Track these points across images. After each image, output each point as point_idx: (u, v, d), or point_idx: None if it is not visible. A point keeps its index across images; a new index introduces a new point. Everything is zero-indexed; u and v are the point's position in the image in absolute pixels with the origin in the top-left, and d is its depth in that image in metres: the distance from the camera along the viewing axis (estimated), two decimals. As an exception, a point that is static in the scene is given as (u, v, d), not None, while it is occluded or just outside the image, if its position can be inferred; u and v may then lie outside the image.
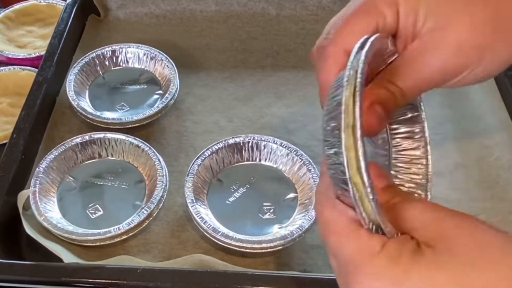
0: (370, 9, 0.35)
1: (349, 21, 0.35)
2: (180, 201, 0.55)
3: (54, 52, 0.65)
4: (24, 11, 0.78)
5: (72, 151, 0.56)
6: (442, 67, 0.35)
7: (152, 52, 0.67)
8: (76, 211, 0.53)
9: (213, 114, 0.64)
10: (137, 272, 0.46)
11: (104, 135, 0.58)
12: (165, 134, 0.61)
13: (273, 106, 0.64)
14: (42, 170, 0.54)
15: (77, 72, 0.65)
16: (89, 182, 0.56)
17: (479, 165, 0.57)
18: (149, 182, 0.55)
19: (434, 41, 0.34)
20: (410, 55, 0.35)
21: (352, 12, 0.36)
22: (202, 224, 0.50)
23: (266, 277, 0.45)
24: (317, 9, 0.73)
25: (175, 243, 0.52)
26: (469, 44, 0.34)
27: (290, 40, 0.72)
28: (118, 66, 0.68)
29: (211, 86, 0.67)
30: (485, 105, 0.63)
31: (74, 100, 0.61)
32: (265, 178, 0.56)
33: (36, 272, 0.46)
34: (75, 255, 0.49)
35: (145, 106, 0.63)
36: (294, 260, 0.50)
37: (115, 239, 0.50)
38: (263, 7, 0.74)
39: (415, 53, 0.35)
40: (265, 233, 0.51)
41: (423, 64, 0.35)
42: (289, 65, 0.69)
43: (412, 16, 0.35)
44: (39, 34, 0.76)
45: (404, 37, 0.35)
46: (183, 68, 0.66)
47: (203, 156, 0.55)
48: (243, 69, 0.69)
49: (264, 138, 0.57)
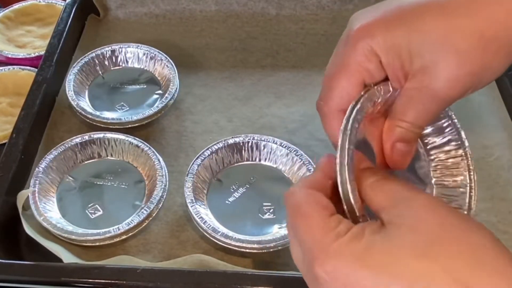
0: (351, 69, 0.35)
1: (334, 87, 0.36)
2: (180, 201, 0.55)
3: (53, 52, 0.65)
4: (24, 10, 0.78)
5: (72, 151, 0.56)
6: (442, 99, 0.35)
7: (151, 52, 0.67)
8: (75, 211, 0.53)
9: (212, 114, 0.64)
10: (136, 272, 0.46)
11: (103, 135, 0.57)
12: (164, 134, 0.61)
13: (273, 106, 0.64)
14: (41, 170, 0.54)
15: (76, 72, 0.64)
16: (89, 182, 0.56)
17: (479, 165, 0.57)
18: (148, 182, 0.55)
19: (427, 79, 0.34)
20: (408, 94, 0.35)
21: (334, 70, 0.36)
22: (201, 224, 0.50)
23: (266, 277, 0.45)
24: (317, 8, 0.73)
25: (174, 243, 0.52)
26: (462, 74, 0.34)
27: (290, 40, 0.72)
28: (117, 66, 0.68)
29: (210, 86, 0.67)
30: (485, 105, 0.63)
31: (74, 100, 0.61)
32: (265, 178, 0.56)
33: (35, 272, 0.46)
34: (74, 255, 0.49)
35: (144, 106, 0.63)
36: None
37: (114, 239, 0.50)
38: (262, 6, 0.74)
39: (412, 92, 0.35)
40: (265, 233, 0.51)
41: (423, 101, 0.35)
42: (288, 65, 0.69)
43: (397, 62, 0.35)
44: (38, 33, 0.76)
45: (397, 79, 0.36)
46: (182, 68, 0.66)
47: (202, 156, 0.55)
48: (243, 69, 0.69)
49: (264, 138, 0.57)
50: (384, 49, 0.34)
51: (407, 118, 0.36)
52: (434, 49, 0.34)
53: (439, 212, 0.29)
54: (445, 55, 0.34)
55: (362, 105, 0.35)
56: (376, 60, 0.35)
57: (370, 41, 0.34)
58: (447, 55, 0.34)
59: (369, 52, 0.35)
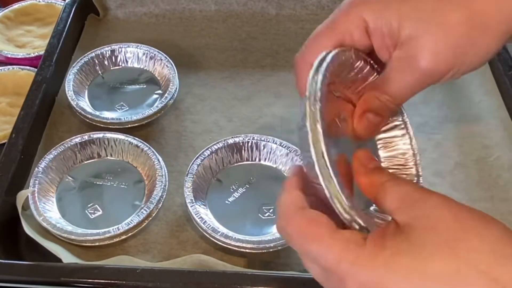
0: (336, 27, 0.37)
1: (316, 38, 0.38)
2: (180, 201, 0.55)
3: (53, 51, 0.65)
4: (23, 10, 0.78)
5: (71, 151, 0.56)
6: (425, 72, 0.35)
7: (151, 51, 0.67)
8: (75, 211, 0.53)
9: (212, 113, 0.63)
10: (136, 272, 0.45)
11: (103, 135, 0.57)
12: (164, 134, 0.61)
13: (273, 105, 0.64)
14: (41, 170, 0.54)
15: (76, 72, 0.64)
16: (88, 182, 0.56)
17: (479, 165, 0.57)
18: (148, 182, 0.55)
19: (413, 49, 0.35)
20: (394, 64, 0.36)
21: (321, 29, 0.38)
22: (201, 224, 0.50)
23: (266, 277, 0.45)
24: (317, 8, 0.73)
25: (174, 243, 0.52)
26: (447, 47, 0.35)
27: (290, 39, 0.72)
28: (117, 66, 0.68)
29: (210, 86, 0.67)
30: (485, 105, 0.63)
31: (73, 100, 0.61)
32: (265, 178, 0.55)
33: (35, 272, 0.46)
34: (74, 255, 0.49)
35: (144, 105, 0.63)
36: (293, 260, 0.50)
37: (114, 239, 0.50)
38: (262, 6, 0.74)
39: (398, 62, 0.36)
40: (265, 233, 0.51)
41: (407, 72, 0.36)
42: (288, 64, 0.69)
43: (386, 28, 0.36)
44: (38, 33, 0.76)
45: (385, 48, 0.37)
46: (182, 67, 0.66)
47: (202, 156, 0.55)
48: (243, 69, 0.69)
49: (264, 138, 0.57)
50: (374, 17, 0.36)
51: (388, 89, 0.36)
52: (423, 19, 0.35)
53: (453, 209, 0.30)
54: (431, 26, 0.35)
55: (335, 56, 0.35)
56: (362, 26, 0.36)
57: (362, 9, 0.36)
58: (434, 26, 0.35)
59: (359, 18, 0.36)
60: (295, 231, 0.32)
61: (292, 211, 0.32)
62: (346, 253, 0.29)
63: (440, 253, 0.28)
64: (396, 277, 0.28)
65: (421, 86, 0.37)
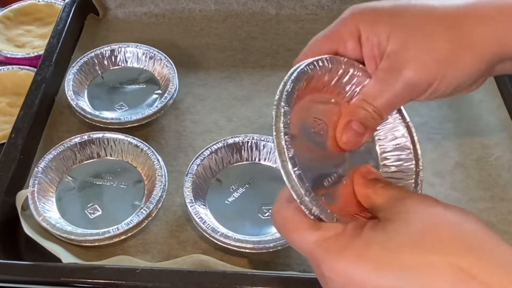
0: (332, 36, 0.39)
1: (313, 44, 0.40)
2: (179, 201, 0.55)
3: (52, 51, 0.65)
4: (23, 10, 0.78)
5: (71, 151, 0.56)
6: (408, 84, 0.36)
7: (151, 51, 0.67)
8: (75, 211, 0.53)
9: (212, 113, 0.63)
10: (136, 272, 0.45)
11: (103, 135, 0.57)
12: (164, 134, 0.61)
13: (273, 105, 0.64)
14: (40, 170, 0.54)
15: (76, 72, 0.64)
16: (88, 182, 0.55)
17: (479, 165, 0.57)
18: (148, 182, 0.55)
19: (398, 60, 0.36)
20: (380, 75, 0.37)
21: (319, 36, 0.40)
22: (201, 224, 0.50)
23: (266, 277, 0.45)
24: (317, 8, 0.73)
25: (174, 243, 0.52)
26: (431, 59, 0.36)
27: (290, 39, 0.72)
28: (117, 66, 0.68)
29: (210, 86, 0.67)
30: (485, 105, 0.63)
31: (73, 99, 0.61)
32: (265, 178, 0.55)
33: (34, 272, 0.46)
34: (73, 255, 0.49)
35: (144, 105, 0.63)
36: (293, 260, 0.50)
37: (114, 239, 0.50)
38: (262, 6, 0.74)
39: (383, 73, 0.37)
40: (265, 233, 0.51)
41: (391, 83, 0.37)
42: (288, 64, 0.67)
43: (376, 39, 0.37)
44: (37, 33, 0.76)
45: (373, 58, 0.38)
46: (182, 67, 0.66)
47: (202, 156, 0.55)
48: (243, 69, 0.69)
49: (264, 138, 0.57)
50: (367, 28, 0.37)
51: (372, 100, 0.37)
52: (410, 33, 0.36)
53: (430, 205, 0.32)
54: (418, 40, 0.36)
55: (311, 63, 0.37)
56: (356, 36, 0.38)
57: (358, 19, 0.38)
58: (420, 40, 0.36)
59: (354, 28, 0.38)
60: (281, 223, 0.35)
61: (280, 205, 0.35)
62: (322, 241, 0.32)
63: (410, 244, 0.29)
64: (364, 267, 0.30)
65: (404, 98, 0.37)
